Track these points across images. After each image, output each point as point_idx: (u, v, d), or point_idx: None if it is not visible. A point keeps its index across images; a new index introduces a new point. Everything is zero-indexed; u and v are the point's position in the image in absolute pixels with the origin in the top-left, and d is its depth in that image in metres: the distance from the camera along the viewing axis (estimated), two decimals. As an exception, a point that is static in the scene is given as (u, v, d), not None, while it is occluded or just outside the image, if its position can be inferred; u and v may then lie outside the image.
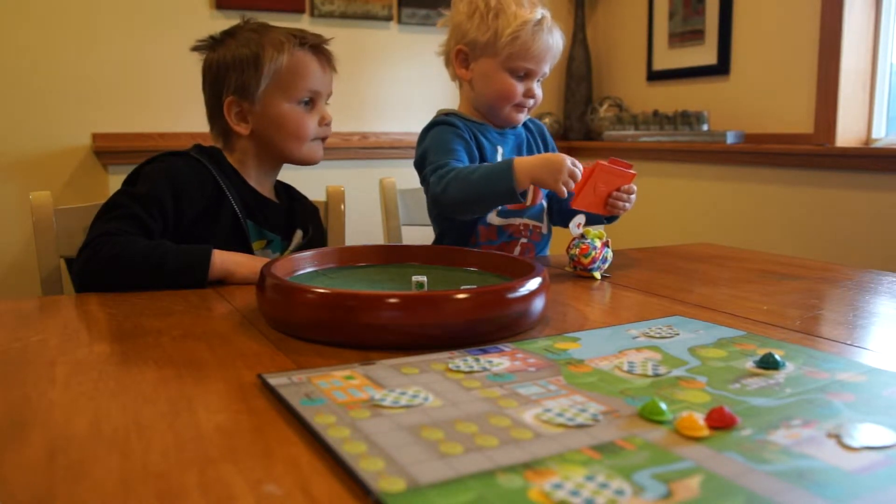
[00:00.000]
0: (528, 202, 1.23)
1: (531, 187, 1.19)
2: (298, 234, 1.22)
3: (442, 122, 1.31)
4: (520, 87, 1.28)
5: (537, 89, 1.31)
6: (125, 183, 1.11)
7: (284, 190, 1.30)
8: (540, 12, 1.26)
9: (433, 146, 1.26)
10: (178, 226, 1.08)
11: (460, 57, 1.33)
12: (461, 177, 1.15)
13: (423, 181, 1.28)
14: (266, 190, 1.23)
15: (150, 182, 1.08)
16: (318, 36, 1.20)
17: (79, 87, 2.41)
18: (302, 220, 1.25)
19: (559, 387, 0.58)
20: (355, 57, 2.80)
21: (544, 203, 1.37)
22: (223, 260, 1.02)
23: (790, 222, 2.28)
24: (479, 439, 0.48)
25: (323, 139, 1.22)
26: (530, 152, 1.38)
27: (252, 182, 1.20)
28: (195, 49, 1.20)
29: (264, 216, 1.19)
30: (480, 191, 1.13)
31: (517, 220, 1.33)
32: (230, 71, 1.15)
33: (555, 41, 1.28)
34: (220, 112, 1.17)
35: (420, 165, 1.29)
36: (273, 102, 1.15)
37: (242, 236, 1.14)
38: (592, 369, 0.62)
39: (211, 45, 1.19)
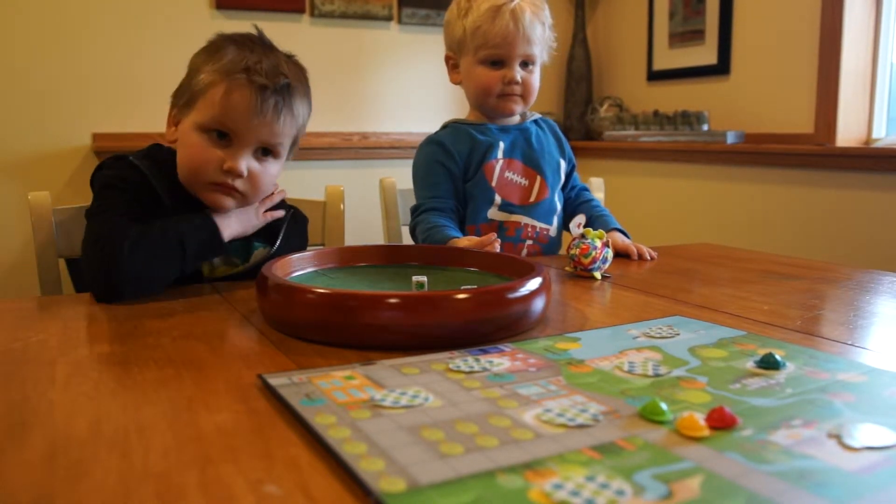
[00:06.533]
0: (533, 199, 1.30)
1: (535, 184, 1.32)
2: (261, 250, 1.08)
3: (431, 142, 1.34)
4: (497, 77, 1.28)
5: (521, 74, 1.28)
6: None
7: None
8: None
9: (417, 174, 1.34)
10: None
11: (450, 63, 1.36)
12: (420, 235, 1.25)
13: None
14: None
15: (108, 190, 1.00)
16: (279, 76, 0.99)
17: (79, 87, 2.41)
18: (281, 232, 1.10)
19: (559, 387, 0.58)
20: (355, 57, 2.80)
21: (558, 205, 1.36)
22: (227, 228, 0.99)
23: (790, 222, 2.28)
24: (480, 439, 0.48)
25: (230, 191, 1.00)
26: (532, 146, 1.34)
27: None
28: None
29: None
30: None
31: (520, 219, 1.31)
32: (187, 72, 1.05)
33: (522, 23, 1.24)
34: None
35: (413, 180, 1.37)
36: (187, 121, 1.01)
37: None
38: (593, 369, 0.62)
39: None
